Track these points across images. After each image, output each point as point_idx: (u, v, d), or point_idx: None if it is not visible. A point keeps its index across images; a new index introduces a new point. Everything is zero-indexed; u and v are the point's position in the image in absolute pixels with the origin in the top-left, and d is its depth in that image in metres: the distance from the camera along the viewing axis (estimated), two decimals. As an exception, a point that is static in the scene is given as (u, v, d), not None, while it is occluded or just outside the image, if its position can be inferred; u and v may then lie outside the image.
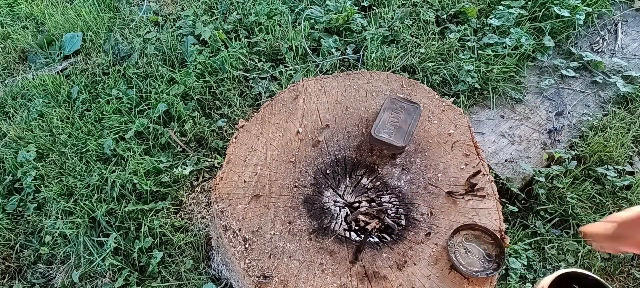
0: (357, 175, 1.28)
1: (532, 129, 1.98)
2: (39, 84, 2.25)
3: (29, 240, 1.82)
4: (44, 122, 2.11)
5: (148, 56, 2.31)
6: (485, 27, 2.32)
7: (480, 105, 2.09)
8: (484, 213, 1.19)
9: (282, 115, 1.36)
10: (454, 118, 1.37)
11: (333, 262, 1.11)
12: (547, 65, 2.21)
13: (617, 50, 2.26)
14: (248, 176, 1.24)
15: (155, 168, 1.91)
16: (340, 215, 1.21)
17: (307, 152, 1.29)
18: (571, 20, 2.26)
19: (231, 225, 1.16)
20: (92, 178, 1.90)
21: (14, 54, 2.46)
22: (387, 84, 1.44)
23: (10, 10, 2.66)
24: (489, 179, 1.25)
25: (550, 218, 1.76)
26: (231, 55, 2.21)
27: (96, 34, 2.47)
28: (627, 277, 1.66)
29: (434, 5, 2.40)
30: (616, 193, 1.79)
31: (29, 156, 1.97)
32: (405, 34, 2.26)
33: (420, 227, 1.17)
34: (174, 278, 1.69)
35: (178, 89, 2.12)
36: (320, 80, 1.44)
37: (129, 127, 2.04)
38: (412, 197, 1.22)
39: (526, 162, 1.87)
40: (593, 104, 2.08)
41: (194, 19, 2.42)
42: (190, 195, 1.89)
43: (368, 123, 1.35)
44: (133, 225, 1.78)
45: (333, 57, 2.21)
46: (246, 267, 1.10)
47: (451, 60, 2.19)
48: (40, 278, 1.75)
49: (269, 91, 2.13)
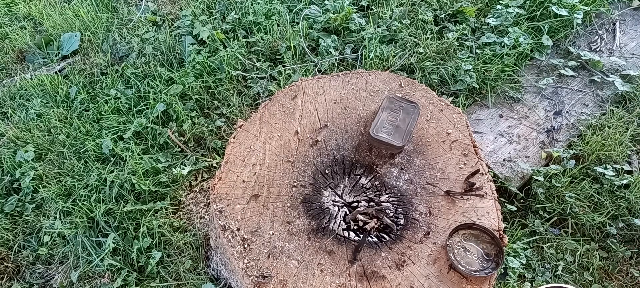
0: (356, 175, 1.28)
1: (530, 128, 1.98)
2: (37, 84, 2.24)
3: (28, 241, 1.82)
4: (42, 122, 2.11)
5: (146, 56, 2.31)
6: (483, 26, 2.33)
7: (478, 104, 2.09)
8: (483, 213, 1.19)
9: (280, 115, 1.36)
10: (453, 117, 1.37)
11: (332, 261, 1.11)
12: (545, 65, 2.22)
13: (616, 49, 2.26)
14: (247, 176, 1.24)
15: (154, 168, 1.90)
16: (338, 215, 1.21)
17: (306, 152, 1.29)
18: (569, 19, 2.26)
19: (230, 225, 1.16)
20: (90, 178, 1.89)
21: (12, 54, 2.45)
22: (385, 83, 1.44)
23: (8, 10, 2.66)
24: (488, 178, 1.25)
25: (549, 218, 1.77)
26: (230, 55, 2.21)
27: (94, 34, 2.47)
28: (625, 276, 1.66)
29: (432, 5, 2.40)
30: (614, 193, 1.80)
31: (28, 156, 1.96)
32: (403, 34, 2.26)
33: (419, 227, 1.17)
34: (172, 278, 1.69)
35: (176, 88, 2.12)
36: (318, 79, 1.44)
37: (127, 127, 2.03)
38: (410, 197, 1.22)
39: (525, 161, 1.87)
40: (591, 103, 2.08)
41: (193, 19, 2.42)
42: (189, 195, 1.89)
43: (366, 122, 1.35)
44: (132, 225, 1.78)
45: (331, 57, 2.21)
46: (245, 267, 1.10)
47: (449, 59, 2.19)
48: (39, 278, 1.75)
49: (268, 91, 2.13)
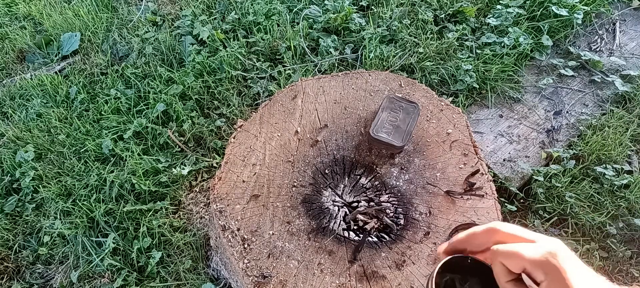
0: (356, 175, 1.28)
1: (530, 128, 1.98)
2: (37, 84, 2.24)
3: (28, 241, 1.82)
4: (42, 122, 2.11)
5: (146, 56, 2.31)
6: (483, 26, 2.33)
7: (478, 104, 2.09)
8: (483, 213, 1.19)
9: (280, 115, 1.36)
10: (453, 117, 1.37)
11: (332, 261, 1.11)
12: (545, 65, 2.22)
13: (616, 49, 2.26)
14: (247, 176, 1.24)
15: (154, 168, 1.90)
16: (338, 215, 1.21)
17: (306, 152, 1.29)
18: (569, 19, 2.26)
19: (230, 225, 1.16)
20: (90, 178, 1.89)
21: (12, 54, 2.45)
22: (385, 83, 1.44)
23: (8, 10, 2.66)
24: (488, 178, 1.25)
25: (549, 218, 1.77)
26: (230, 55, 2.21)
27: (94, 34, 2.47)
28: (625, 275, 1.66)
29: (432, 5, 2.40)
30: (614, 193, 1.80)
31: (28, 156, 1.96)
32: (403, 34, 2.26)
33: (419, 227, 1.17)
34: (172, 278, 1.69)
35: (176, 88, 2.12)
36: (318, 79, 1.44)
37: (127, 127, 2.03)
38: (410, 197, 1.22)
39: (525, 161, 1.87)
40: (591, 103, 2.08)
41: (193, 19, 2.42)
42: (189, 195, 1.89)
43: (366, 122, 1.35)
44: (132, 225, 1.78)
45: (331, 57, 2.21)
46: (245, 267, 1.10)
47: (449, 59, 2.19)
48: (39, 278, 1.75)
49: (268, 91, 2.13)
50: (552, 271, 0.54)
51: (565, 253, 0.56)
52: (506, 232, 0.59)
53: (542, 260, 0.55)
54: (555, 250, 0.56)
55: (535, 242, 0.58)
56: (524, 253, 0.56)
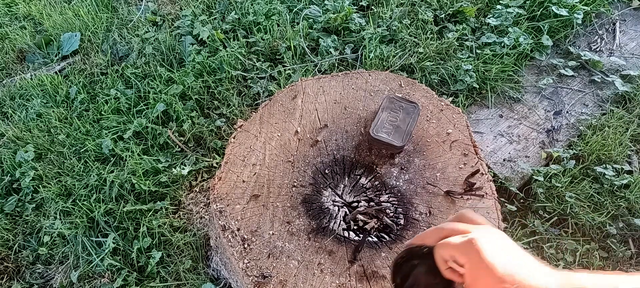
0: (356, 175, 1.28)
1: (530, 128, 1.98)
2: (37, 84, 2.24)
3: (28, 241, 1.82)
4: (42, 122, 2.11)
5: (146, 56, 2.31)
6: (483, 26, 2.33)
7: (478, 104, 2.09)
8: (483, 213, 1.19)
9: (280, 115, 1.36)
10: (453, 117, 1.37)
11: (332, 261, 1.11)
12: (545, 65, 2.22)
13: (616, 49, 2.26)
14: (247, 176, 1.24)
15: (154, 168, 1.90)
16: (338, 215, 1.21)
17: (306, 152, 1.29)
18: (569, 19, 2.26)
19: (230, 225, 1.16)
20: (90, 178, 1.89)
21: (12, 54, 2.45)
22: (385, 83, 1.44)
23: (8, 10, 2.66)
24: (488, 178, 1.25)
25: (549, 218, 1.77)
26: (230, 55, 2.21)
27: (94, 34, 2.47)
28: (625, 275, 1.66)
29: (432, 5, 2.40)
30: (614, 193, 1.80)
31: (27, 156, 1.96)
32: (403, 34, 2.26)
33: (419, 227, 1.17)
34: (172, 278, 1.69)
35: (176, 88, 2.12)
36: (318, 79, 1.44)
37: (127, 127, 2.03)
38: (410, 197, 1.22)
39: (525, 161, 1.87)
40: (591, 103, 2.08)
41: (193, 19, 2.42)
42: (189, 195, 1.89)
43: (366, 122, 1.35)
44: (132, 226, 1.78)
45: (331, 57, 2.21)
46: (245, 267, 1.10)
47: (449, 59, 2.19)
48: (39, 278, 1.75)
49: (268, 91, 2.13)
50: (471, 253, 0.60)
51: (488, 237, 0.61)
52: (449, 228, 0.67)
53: (463, 246, 0.61)
54: (477, 236, 0.61)
55: (469, 232, 0.63)
56: (450, 242, 0.64)
